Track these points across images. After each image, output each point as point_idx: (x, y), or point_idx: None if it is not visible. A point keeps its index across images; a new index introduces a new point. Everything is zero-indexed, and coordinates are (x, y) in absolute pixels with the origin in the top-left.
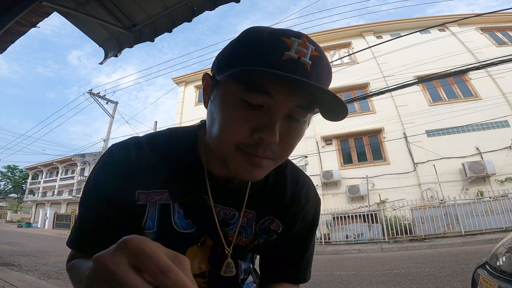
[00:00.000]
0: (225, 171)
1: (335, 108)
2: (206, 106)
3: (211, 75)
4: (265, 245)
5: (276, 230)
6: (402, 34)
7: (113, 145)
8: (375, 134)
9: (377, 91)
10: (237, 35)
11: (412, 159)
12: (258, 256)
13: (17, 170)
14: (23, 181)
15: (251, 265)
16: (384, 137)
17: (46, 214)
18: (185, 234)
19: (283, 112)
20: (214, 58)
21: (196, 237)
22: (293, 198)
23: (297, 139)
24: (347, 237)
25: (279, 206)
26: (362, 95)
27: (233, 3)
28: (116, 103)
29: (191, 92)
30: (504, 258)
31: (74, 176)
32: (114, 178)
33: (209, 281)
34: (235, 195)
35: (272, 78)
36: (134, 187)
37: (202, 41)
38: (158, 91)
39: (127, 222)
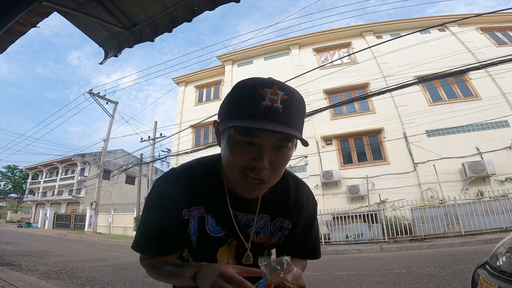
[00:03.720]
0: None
1: (301, 127)
2: (219, 145)
3: (218, 122)
4: (281, 239)
5: (287, 227)
6: (402, 34)
7: (158, 179)
8: (375, 134)
9: (377, 91)
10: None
11: (412, 159)
12: (273, 252)
13: (17, 170)
14: (23, 181)
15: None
16: (384, 137)
17: (46, 214)
18: (217, 237)
19: (269, 145)
20: (219, 106)
21: (224, 240)
22: (296, 202)
23: (284, 163)
24: (347, 237)
25: (286, 209)
26: (362, 95)
27: (233, 3)
28: (116, 103)
29: (191, 92)
30: (504, 258)
31: (74, 176)
32: (165, 205)
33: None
34: (251, 205)
35: (256, 123)
36: (180, 208)
37: (201, 41)
38: (158, 91)
39: (179, 232)
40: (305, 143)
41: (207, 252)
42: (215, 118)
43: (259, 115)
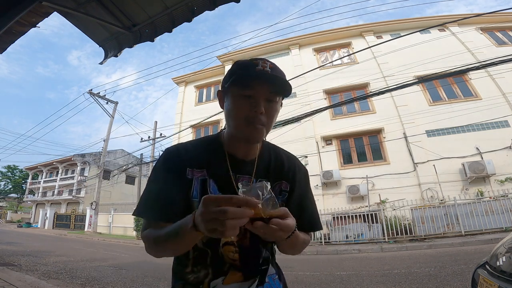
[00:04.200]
0: (240, 151)
1: (286, 87)
2: (222, 107)
3: (222, 90)
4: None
5: (285, 189)
6: (402, 34)
7: (167, 147)
8: (375, 134)
9: (377, 91)
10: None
11: (412, 159)
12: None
13: (17, 170)
14: (23, 181)
15: (271, 256)
16: (384, 137)
17: (46, 214)
18: None
19: (263, 97)
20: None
21: None
22: (289, 167)
23: (274, 113)
24: (347, 237)
25: (282, 172)
26: (362, 95)
27: (233, 3)
28: (116, 103)
29: (191, 92)
30: (504, 258)
31: (74, 176)
32: (171, 163)
33: (238, 251)
34: (249, 167)
35: (252, 79)
36: (184, 166)
37: (201, 41)
38: (158, 91)
39: (181, 194)
40: (288, 91)
41: None
42: (216, 118)
43: (255, 73)
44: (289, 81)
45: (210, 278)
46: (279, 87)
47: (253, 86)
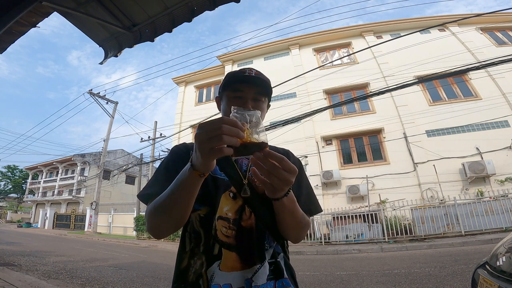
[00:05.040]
0: None
1: (269, 88)
2: (220, 110)
3: (218, 96)
4: None
5: None
6: (402, 34)
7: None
8: (375, 134)
9: (377, 91)
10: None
11: (412, 159)
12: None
13: (17, 170)
14: (23, 181)
15: (283, 254)
16: (384, 137)
17: (46, 214)
18: (221, 179)
19: (250, 97)
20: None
21: (227, 184)
22: (284, 151)
23: (262, 110)
24: (347, 237)
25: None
26: (362, 95)
27: (233, 3)
28: (116, 103)
29: (191, 92)
30: (504, 258)
31: (74, 176)
32: (177, 150)
33: (235, 229)
34: None
35: (241, 82)
36: (189, 150)
37: (201, 41)
38: (158, 91)
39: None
40: (271, 91)
41: (211, 196)
42: (215, 117)
43: (243, 78)
44: (271, 84)
45: (205, 267)
46: (263, 88)
47: (242, 89)
